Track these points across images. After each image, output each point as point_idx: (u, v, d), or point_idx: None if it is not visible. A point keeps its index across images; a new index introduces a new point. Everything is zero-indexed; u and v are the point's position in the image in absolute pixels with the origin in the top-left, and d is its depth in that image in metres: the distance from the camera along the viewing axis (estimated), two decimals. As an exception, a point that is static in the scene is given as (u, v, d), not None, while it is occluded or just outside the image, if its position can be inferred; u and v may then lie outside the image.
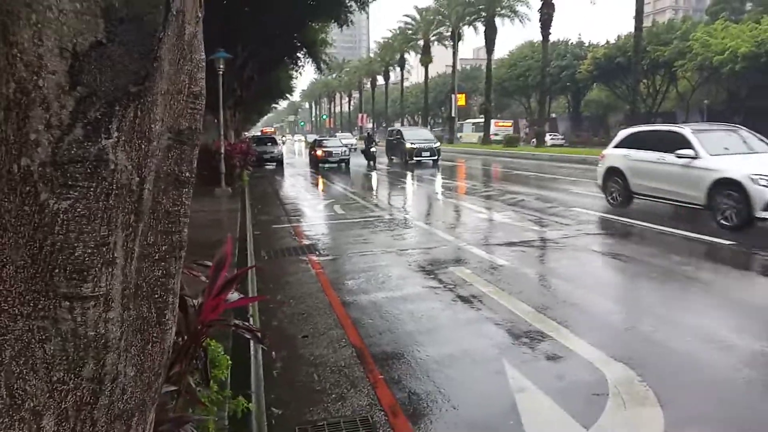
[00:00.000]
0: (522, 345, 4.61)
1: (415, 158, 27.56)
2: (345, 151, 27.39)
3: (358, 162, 29.39)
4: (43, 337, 0.82)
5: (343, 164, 27.01)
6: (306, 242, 9.21)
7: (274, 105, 70.90)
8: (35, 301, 0.81)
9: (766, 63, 31.60)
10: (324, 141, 30.65)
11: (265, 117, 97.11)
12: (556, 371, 4.13)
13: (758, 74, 33.94)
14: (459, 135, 56.97)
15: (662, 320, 5.11)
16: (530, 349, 4.51)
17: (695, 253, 8.08)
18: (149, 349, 0.98)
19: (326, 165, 26.87)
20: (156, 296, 0.98)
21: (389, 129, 38.66)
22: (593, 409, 3.54)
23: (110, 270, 0.86)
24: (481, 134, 50.19)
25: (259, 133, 51.06)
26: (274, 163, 29.63)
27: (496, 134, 48.84)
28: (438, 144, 29.47)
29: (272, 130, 76.04)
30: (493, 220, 11.16)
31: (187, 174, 1.03)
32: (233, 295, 2.03)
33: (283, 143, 51.69)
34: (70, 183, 0.79)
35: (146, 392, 0.99)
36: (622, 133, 12.37)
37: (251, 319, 4.87)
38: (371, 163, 27.43)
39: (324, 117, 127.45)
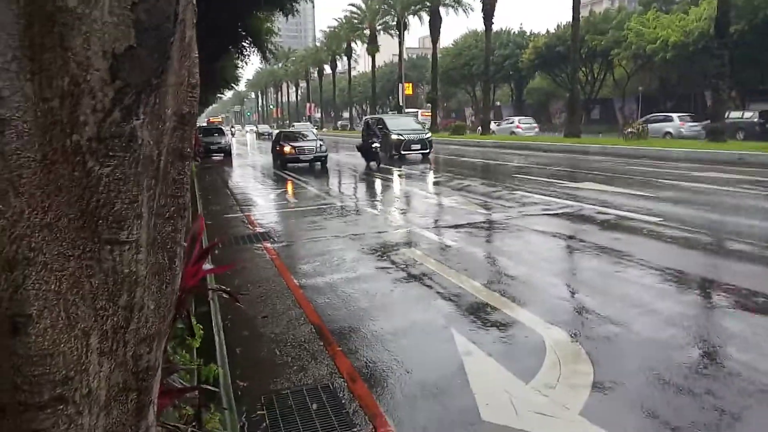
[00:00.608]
0: (469, 315, 4.99)
1: (403, 152, 22.82)
2: (321, 145, 21.44)
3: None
4: (90, 273, 1.07)
5: (319, 163, 21.38)
6: (260, 230, 9.36)
7: (219, 95, 69.49)
8: (84, 245, 1.06)
9: (693, 52, 33.33)
10: (293, 134, 23.69)
11: (210, 107, 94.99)
12: (499, 337, 4.53)
13: (687, 63, 35.83)
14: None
15: (596, 290, 5.61)
16: (476, 319, 4.90)
17: None
18: (164, 288, 1.23)
19: (297, 164, 21.21)
20: (168, 246, 1.24)
21: (366, 118, 29.68)
22: (532, 367, 3.94)
23: (139, 222, 1.11)
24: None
25: (204, 124, 49.94)
26: (222, 155, 29.18)
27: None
28: (429, 135, 24.46)
29: (219, 119, 74.11)
30: (442, 204, 11.59)
31: (188, 150, 1.29)
32: (207, 265, 2.26)
33: (233, 135, 50.42)
34: (110, 154, 1.04)
35: (161, 324, 1.25)
36: None
37: (210, 302, 5.04)
38: (372, 163, 20.89)
39: (271, 107, 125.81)
